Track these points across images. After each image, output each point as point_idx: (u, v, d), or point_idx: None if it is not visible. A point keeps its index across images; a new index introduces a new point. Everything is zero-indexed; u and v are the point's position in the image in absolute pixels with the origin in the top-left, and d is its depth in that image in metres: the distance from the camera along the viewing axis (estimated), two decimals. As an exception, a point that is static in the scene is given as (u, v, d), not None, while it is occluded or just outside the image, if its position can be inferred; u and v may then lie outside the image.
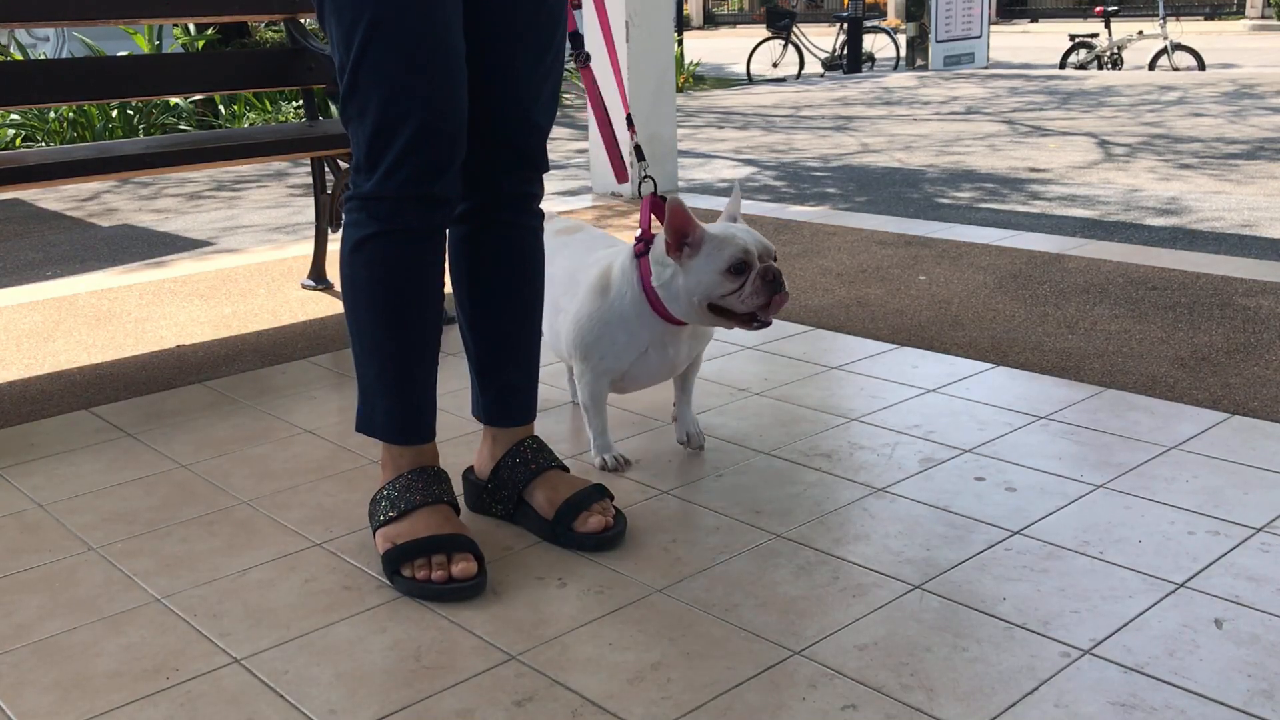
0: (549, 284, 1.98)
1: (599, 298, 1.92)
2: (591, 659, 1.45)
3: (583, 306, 1.94)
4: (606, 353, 1.93)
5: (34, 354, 2.90)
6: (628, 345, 1.92)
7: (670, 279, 1.83)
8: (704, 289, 1.80)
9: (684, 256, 1.81)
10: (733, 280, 1.78)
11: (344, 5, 1.56)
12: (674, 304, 1.85)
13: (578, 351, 1.95)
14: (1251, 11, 22.24)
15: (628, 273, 1.90)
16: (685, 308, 1.84)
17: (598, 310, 1.92)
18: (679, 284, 1.82)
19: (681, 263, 1.81)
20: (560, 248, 2.07)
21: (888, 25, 15.94)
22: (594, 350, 1.93)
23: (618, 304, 1.90)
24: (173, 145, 2.90)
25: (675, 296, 1.84)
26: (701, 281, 1.79)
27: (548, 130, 1.78)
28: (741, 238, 1.80)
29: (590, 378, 1.96)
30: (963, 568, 1.65)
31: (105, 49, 8.43)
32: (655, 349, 1.93)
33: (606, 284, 1.93)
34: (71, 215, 5.53)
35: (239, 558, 1.76)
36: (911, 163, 6.16)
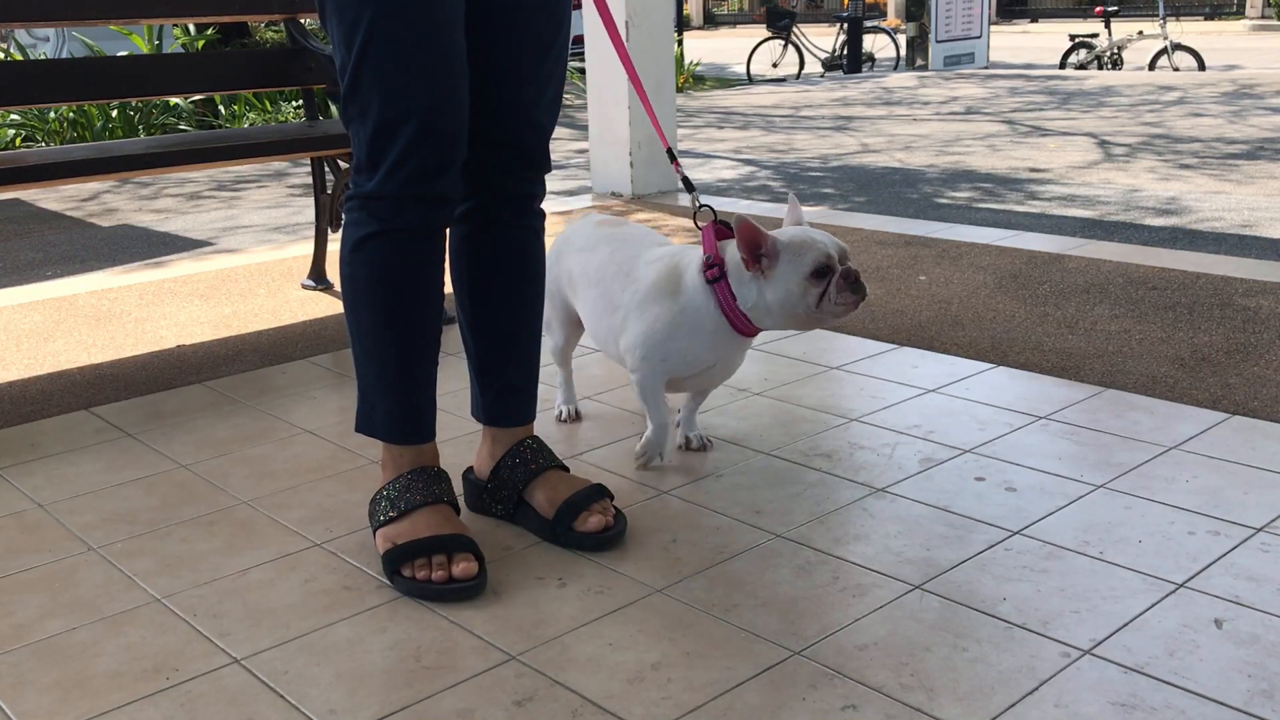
0: (598, 276, 1.99)
1: (669, 299, 1.88)
2: (591, 659, 1.45)
3: (649, 306, 1.90)
4: (671, 356, 1.90)
5: (34, 354, 2.90)
6: (699, 356, 1.90)
7: (759, 296, 1.81)
8: (794, 298, 1.78)
9: (763, 269, 1.79)
10: (816, 284, 1.78)
11: (345, 5, 1.56)
12: (767, 319, 1.83)
13: (639, 349, 1.91)
14: (1251, 11, 22.24)
15: (702, 290, 1.85)
16: (781, 319, 1.82)
17: (666, 313, 1.88)
18: (768, 298, 1.80)
19: (764, 275, 1.79)
20: (604, 240, 2.04)
21: (888, 25, 15.94)
22: (658, 352, 1.90)
23: (691, 313, 1.86)
24: (173, 145, 2.90)
25: (769, 311, 1.81)
26: (790, 291, 1.78)
27: (550, 131, 1.78)
28: (820, 240, 1.79)
29: (646, 374, 1.92)
30: (963, 568, 1.65)
31: (105, 49, 8.43)
32: (721, 360, 1.92)
33: (675, 286, 1.88)
34: (71, 215, 5.53)
35: (239, 558, 1.76)
36: (911, 163, 6.16)
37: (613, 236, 2.04)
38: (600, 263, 2.00)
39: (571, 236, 2.11)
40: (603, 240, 2.03)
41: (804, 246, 1.78)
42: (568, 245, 2.10)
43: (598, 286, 1.99)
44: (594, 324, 2.03)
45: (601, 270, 1.99)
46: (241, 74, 3.33)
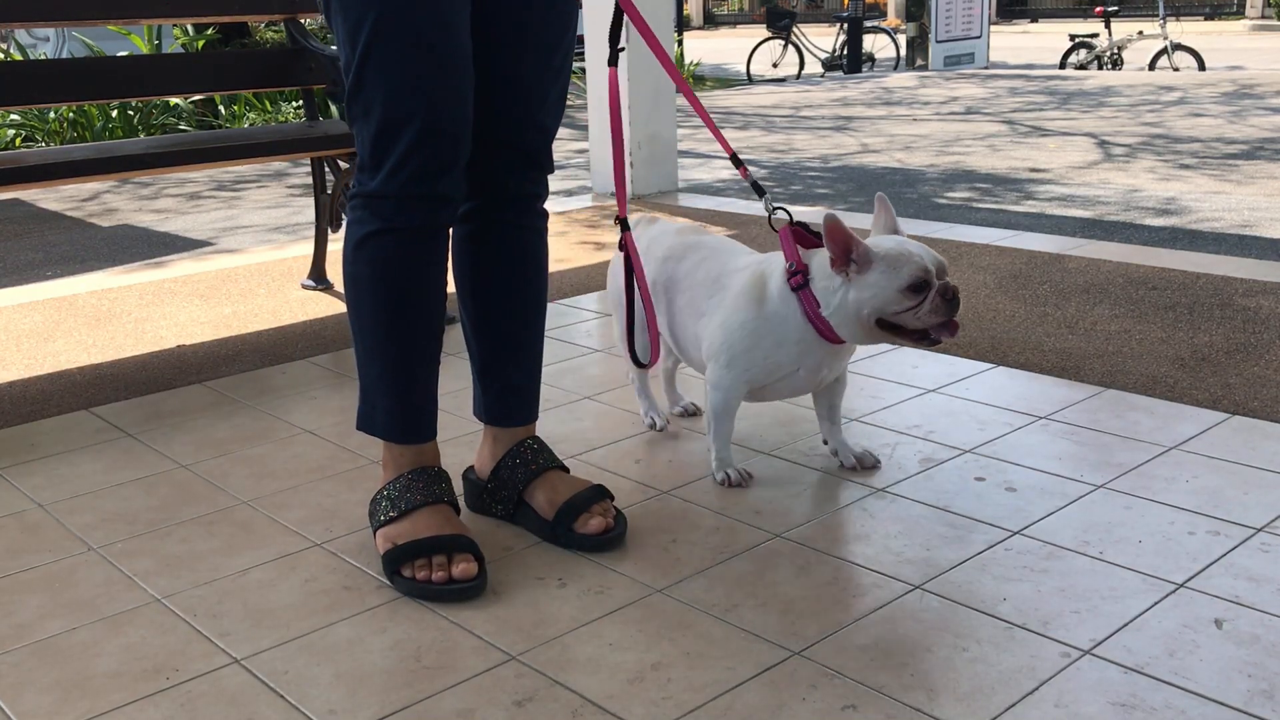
0: (686, 284, 1.97)
1: (753, 306, 1.86)
2: (591, 659, 1.45)
3: (733, 313, 1.87)
4: (755, 364, 1.86)
5: (34, 354, 2.90)
6: (781, 363, 1.86)
7: (840, 298, 1.77)
8: (878, 305, 1.75)
9: (851, 272, 1.76)
10: (911, 298, 1.73)
11: (350, 4, 1.56)
12: (844, 324, 1.79)
13: (722, 356, 1.88)
14: (1251, 11, 22.24)
15: (786, 298, 1.83)
16: (854, 325, 1.78)
17: (751, 320, 1.85)
18: (849, 299, 1.76)
19: (849, 278, 1.76)
20: (690, 248, 2.02)
21: (888, 25, 15.94)
22: (741, 359, 1.87)
23: (775, 321, 1.83)
24: (173, 145, 2.90)
25: (846, 315, 1.78)
26: (877, 297, 1.74)
27: (554, 132, 1.78)
28: (919, 254, 1.75)
29: (728, 384, 1.89)
30: (963, 568, 1.65)
31: (105, 49, 8.43)
32: (806, 368, 1.88)
33: (760, 294, 1.86)
34: (71, 215, 5.53)
35: (239, 558, 1.76)
36: (911, 163, 6.16)
37: (699, 245, 2.02)
38: (688, 270, 1.98)
39: (653, 246, 2.06)
40: (689, 249, 2.02)
41: (901, 259, 1.74)
42: (648, 256, 2.05)
43: (685, 294, 1.97)
44: (677, 330, 2.01)
45: (690, 278, 1.98)
46: (241, 74, 3.33)
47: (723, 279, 1.93)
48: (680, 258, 2.01)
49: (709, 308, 1.93)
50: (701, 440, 2.15)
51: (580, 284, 3.41)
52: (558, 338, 2.84)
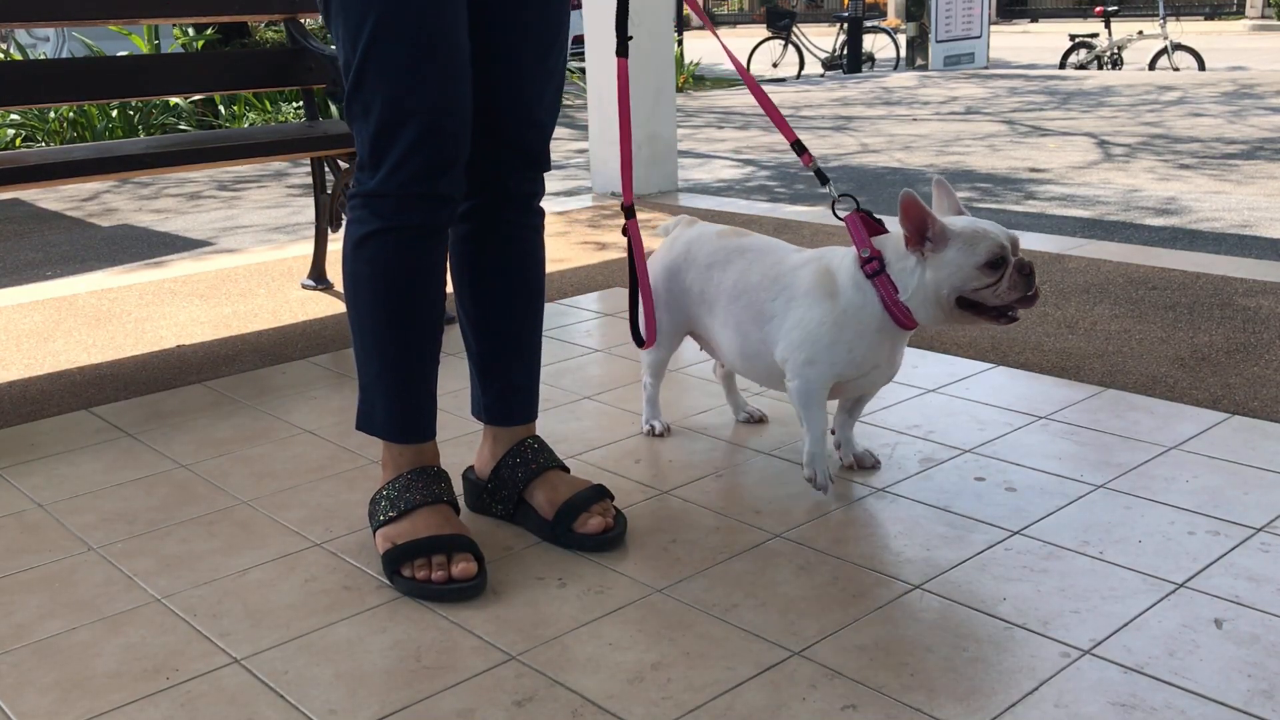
0: (739, 289, 1.92)
1: (827, 301, 1.82)
2: (591, 659, 1.45)
3: (808, 310, 1.83)
4: (839, 359, 1.82)
5: (34, 354, 2.90)
6: (865, 357, 1.83)
7: (919, 279, 1.75)
8: (956, 282, 1.73)
9: (926, 251, 1.74)
10: (990, 274, 1.72)
11: (350, 4, 1.56)
12: (923, 306, 1.77)
13: (802, 354, 1.82)
14: (1251, 11, 22.25)
15: (862, 287, 1.80)
16: (933, 306, 1.76)
17: (830, 314, 1.81)
18: (927, 280, 1.74)
19: (925, 257, 1.74)
20: (736, 251, 1.96)
21: (888, 25, 15.93)
22: (825, 355, 1.82)
23: (854, 313, 1.80)
24: (173, 145, 2.90)
25: (930, 300, 1.76)
26: (955, 275, 1.72)
27: (551, 130, 1.79)
28: (995, 231, 1.73)
29: (812, 379, 1.83)
30: (963, 568, 1.65)
31: (105, 49, 8.43)
32: (885, 358, 1.85)
33: (832, 287, 1.82)
34: (71, 215, 5.53)
35: (239, 558, 1.76)
36: (911, 163, 6.16)
37: (745, 247, 1.96)
38: (738, 275, 1.92)
39: (694, 252, 2.00)
40: (734, 252, 1.96)
41: (977, 235, 1.72)
42: (690, 261, 1.99)
43: (740, 299, 1.91)
44: (736, 338, 1.93)
45: (742, 282, 1.91)
46: (241, 74, 3.33)
47: (783, 278, 1.88)
48: (726, 263, 1.94)
49: (775, 309, 1.87)
50: (702, 440, 2.15)
51: (580, 284, 3.41)
52: (558, 338, 2.84)
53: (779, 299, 1.87)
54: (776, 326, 1.86)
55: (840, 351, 1.81)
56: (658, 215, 4.47)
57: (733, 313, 1.92)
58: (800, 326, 1.83)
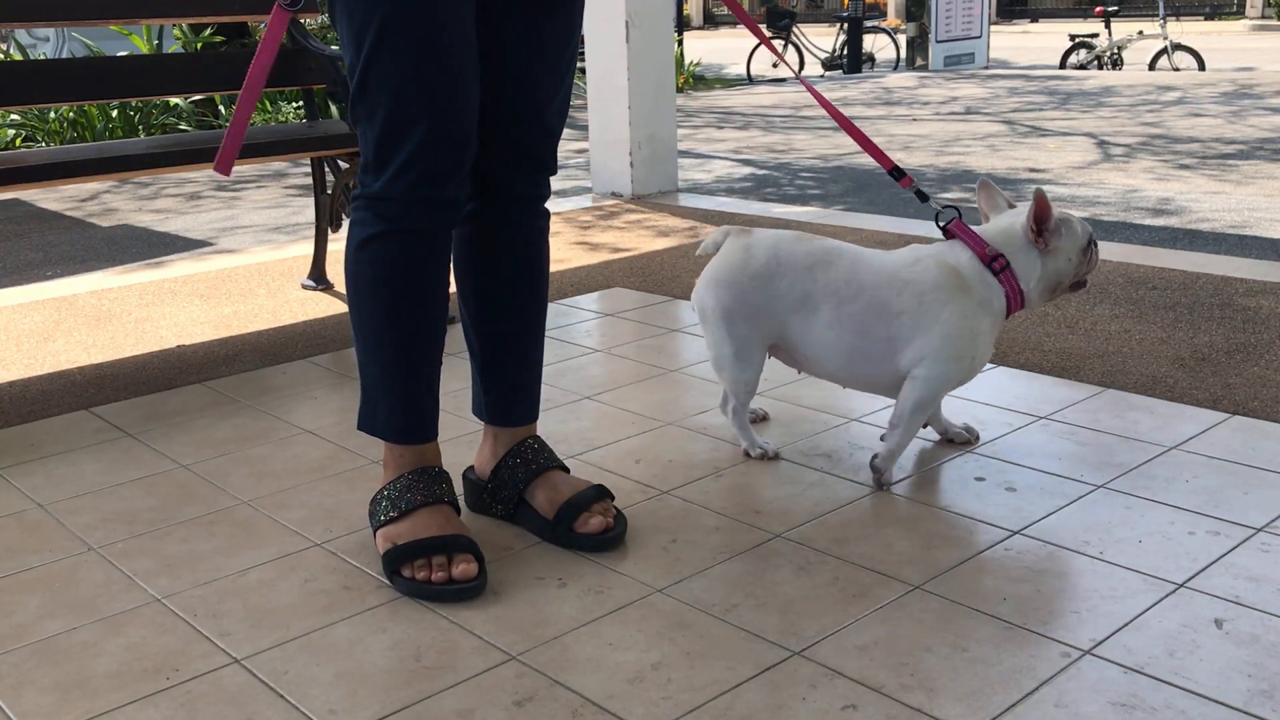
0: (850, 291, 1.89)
1: (963, 295, 1.86)
2: (591, 659, 1.45)
3: (946, 307, 1.85)
4: (978, 351, 1.88)
5: (34, 354, 2.90)
6: (987, 348, 1.91)
7: (1042, 270, 1.90)
8: (1070, 268, 1.93)
9: (1051, 243, 1.90)
10: (1085, 255, 1.94)
11: (355, 5, 1.55)
12: (1041, 294, 1.93)
13: (946, 350, 1.85)
14: (1251, 11, 22.25)
15: (989, 282, 1.88)
16: (1048, 292, 1.94)
17: (969, 309, 1.86)
18: (1049, 269, 1.91)
19: (1047, 248, 1.90)
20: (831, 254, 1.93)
21: (888, 25, 15.94)
22: (968, 349, 1.87)
23: (986, 307, 1.88)
24: (173, 145, 2.90)
25: (1046, 285, 1.92)
26: (1070, 260, 1.92)
27: (559, 133, 1.78)
28: (1075, 217, 1.95)
29: (947, 376, 1.87)
30: (963, 568, 1.65)
31: (105, 49, 8.43)
32: None
33: (962, 283, 1.87)
34: (71, 215, 5.53)
35: (239, 558, 1.76)
36: (911, 163, 6.16)
37: (838, 247, 1.95)
38: (848, 273, 1.91)
39: (784, 256, 1.95)
40: (830, 252, 1.94)
41: (1070, 221, 1.93)
42: (784, 265, 1.94)
43: (858, 298, 1.89)
44: (852, 337, 1.90)
45: (856, 281, 1.90)
46: (241, 74, 3.32)
47: (903, 274, 1.89)
48: (829, 263, 1.92)
49: (904, 305, 1.87)
50: (702, 440, 2.15)
51: (580, 284, 3.41)
52: (558, 338, 2.84)
53: (905, 294, 1.88)
54: (908, 323, 1.87)
55: (980, 345, 1.89)
56: (659, 216, 4.47)
57: (849, 312, 1.90)
58: (940, 324, 1.86)
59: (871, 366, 1.92)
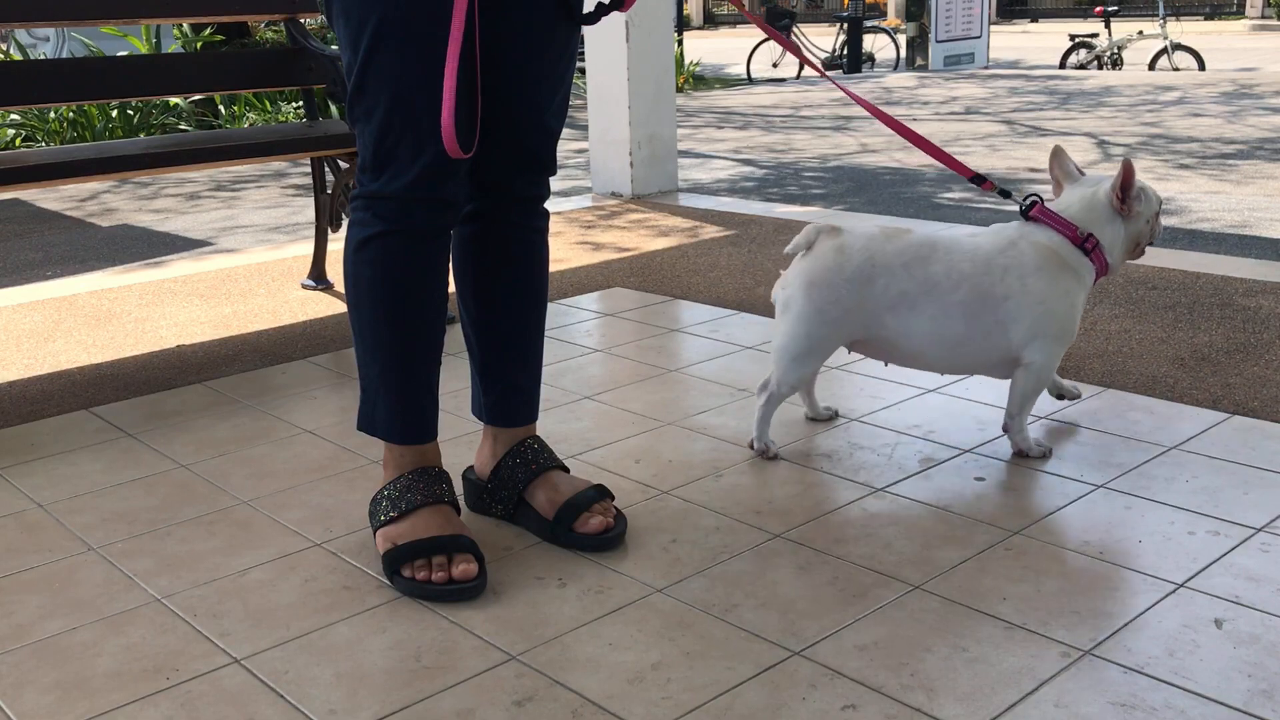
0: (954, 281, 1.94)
1: (1065, 272, 1.96)
2: (591, 659, 1.45)
3: (1053, 285, 1.94)
4: (1077, 325, 2.00)
5: (34, 354, 2.90)
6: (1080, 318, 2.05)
7: (1124, 237, 2.01)
8: (1147, 231, 2.05)
9: (1129, 210, 2.00)
10: (1156, 218, 2.06)
11: (352, 6, 1.55)
12: (1120, 260, 2.04)
13: (1053, 327, 1.95)
14: (1251, 11, 22.26)
15: (1081, 259, 1.98)
16: (1125, 256, 2.06)
17: (1071, 286, 1.96)
18: (1128, 234, 2.02)
19: (1130, 214, 2.01)
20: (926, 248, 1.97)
21: (888, 25, 15.94)
22: (1072, 324, 1.98)
23: (1085, 281, 1.98)
24: (173, 145, 2.90)
25: (1124, 251, 2.04)
26: (1147, 224, 2.04)
27: (558, 134, 1.78)
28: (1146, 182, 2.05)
29: (1056, 355, 1.99)
30: (963, 568, 1.65)
31: (105, 49, 8.43)
32: None
33: (1060, 261, 1.96)
34: (71, 215, 5.53)
35: (239, 558, 1.76)
36: (910, 163, 6.16)
37: (929, 241, 1.99)
38: (946, 266, 1.95)
39: (878, 257, 1.97)
40: (923, 247, 1.98)
41: (1147, 188, 2.05)
42: (880, 266, 1.96)
43: (959, 288, 1.94)
44: (957, 327, 1.95)
45: (955, 272, 1.94)
46: (241, 74, 3.33)
47: (999, 259, 1.96)
48: (925, 259, 1.96)
49: (1009, 289, 1.94)
50: (702, 440, 2.15)
51: (580, 284, 3.41)
52: (558, 338, 2.84)
53: (1008, 278, 1.94)
54: (1017, 304, 1.94)
55: (1079, 318, 2.00)
56: (659, 215, 4.47)
57: (954, 302, 1.95)
58: (1045, 303, 1.94)
59: (979, 351, 1.99)
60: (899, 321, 1.97)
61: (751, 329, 2.86)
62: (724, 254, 3.74)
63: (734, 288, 3.29)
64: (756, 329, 2.86)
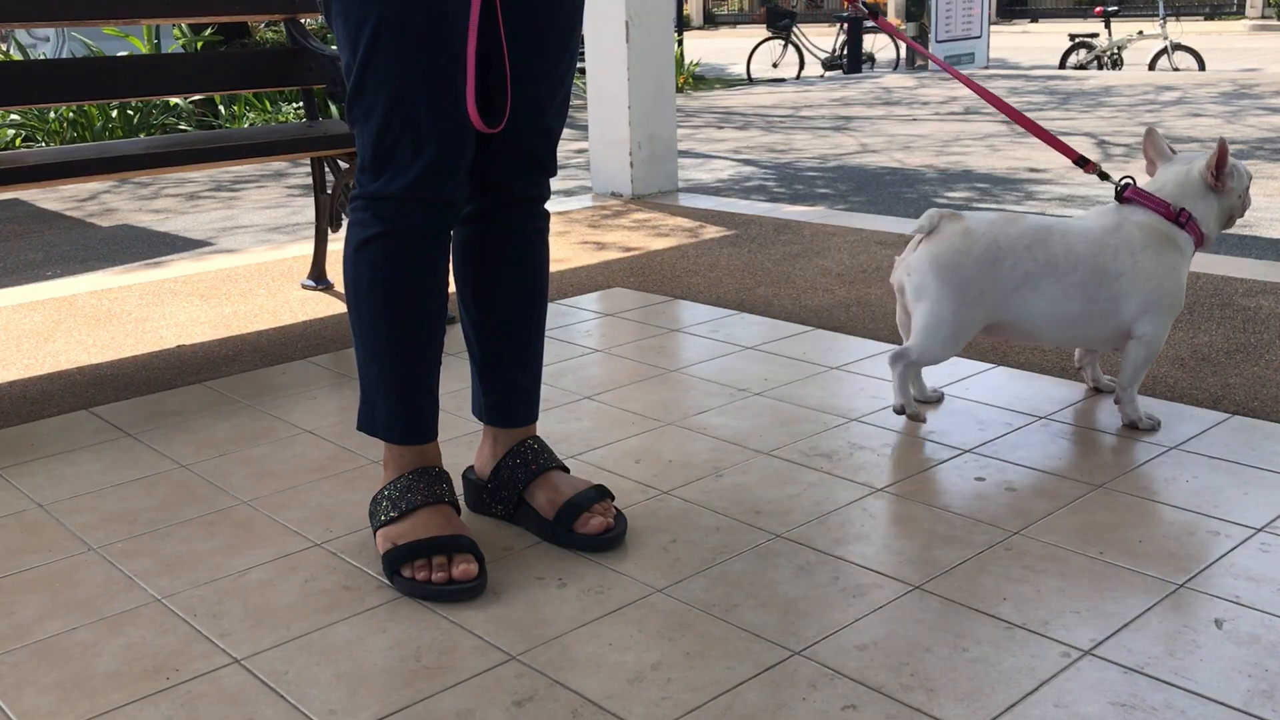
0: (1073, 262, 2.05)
1: (1171, 248, 2.08)
2: (591, 659, 1.45)
3: (1160, 260, 2.06)
4: (1183, 295, 2.09)
5: (34, 354, 2.90)
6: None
7: (1216, 210, 2.14)
8: (1240, 205, 2.18)
9: (1223, 186, 2.12)
10: (1246, 192, 2.19)
11: (351, 6, 1.55)
12: (1214, 232, 2.15)
13: (1165, 300, 2.06)
14: (1251, 11, 22.26)
15: (1181, 234, 2.09)
16: (1218, 228, 2.17)
17: (1178, 260, 2.08)
18: (1222, 208, 2.14)
19: (1223, 189, 2.13)
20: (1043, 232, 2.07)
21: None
22: (1178, 297, 2.08)
23: (1187, 257, 2.10)
24: (173, 145, 2.90)
25: (1218, 224, 2.16)
26: (1241, 196, 2.17)
27: (559, 135, 1.77)
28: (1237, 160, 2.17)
29: (1167, 326, 2.08)
30: (963, 568, 1.65)
31: (105, 49, 8.43)
32: None
33: (1164, 237, 2.08)
34: (71, 215, 5.53)
35: (239, 558, 1.76)
36: (910, 163, 6.16)
37: (1045, 224, 2.09)
38: (1064, 248, 2.06)
39: (1003, 240, 2.05)
40: (1040, 230, 2.08)
41: (1239, 165, 2.17)
42: (1005, 249, 2.05)
43: (1078, 269, 2.04)
44: (1077, 305, 2.06)
45: (1072, 254, 2.05)
46: (241, 74, 3.33)
47: (1110, 240, 2.07)
48: (1044, 241, 2.06)
49: (1122, 267, 2.05)
50: (702, 440, 2.15)
51: (580, 284, 3.41)
52: (558, 338, 2.84)
53: (1120, 257, 2.05)
54: (1130, 281, 2.05)
55: (1184, 289, 2.09)
56: (658, 215, 4.47)
57: (1072, 282, 2.05)
58: (1155, 277, 2.05)
59: (1096, 326, 2.09)
60: (1022, 301, 2.07)
61: (751, 329, 2.86)
62: (724, 254, 3.74)
63: (734, 288, 3.29)
64: (756, 329, 2.86)
